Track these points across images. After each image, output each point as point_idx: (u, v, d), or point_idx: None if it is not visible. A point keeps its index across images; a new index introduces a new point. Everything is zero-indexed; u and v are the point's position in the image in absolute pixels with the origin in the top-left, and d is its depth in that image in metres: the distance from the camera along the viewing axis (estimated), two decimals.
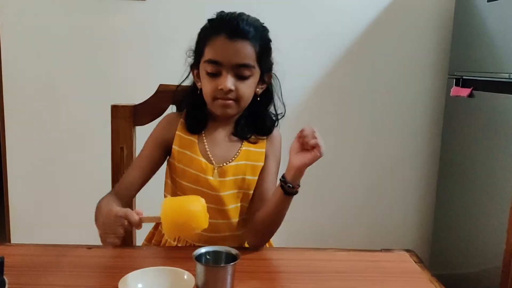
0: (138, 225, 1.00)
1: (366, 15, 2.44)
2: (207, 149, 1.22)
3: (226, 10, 1.21)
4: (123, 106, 1.27)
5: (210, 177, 1.20)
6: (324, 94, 2.48)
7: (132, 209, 1.05)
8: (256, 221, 1.20)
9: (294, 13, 2.39)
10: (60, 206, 2.43)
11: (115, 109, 1.28)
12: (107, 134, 1.28)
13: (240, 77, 1.15)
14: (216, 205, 1.21)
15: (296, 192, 1.12)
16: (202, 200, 1.00)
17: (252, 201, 1.25)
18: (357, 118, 2.52)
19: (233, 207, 1.24)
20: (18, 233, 2.41)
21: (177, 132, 1.23)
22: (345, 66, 2.47)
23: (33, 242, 1.20)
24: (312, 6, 2.40)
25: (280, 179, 1.12)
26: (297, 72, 2.40)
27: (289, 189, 1.10)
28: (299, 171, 1.09)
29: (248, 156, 1.24)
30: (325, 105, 2.50)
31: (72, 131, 2.38)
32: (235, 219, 1.25)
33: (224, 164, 1.21)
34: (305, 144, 1.07)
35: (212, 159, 1.22)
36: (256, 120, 1.26)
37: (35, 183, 2.42)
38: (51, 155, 2.39)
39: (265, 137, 1.27)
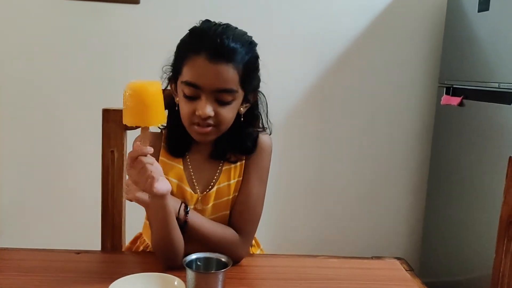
0: (147, 151, 0.94)
1: (357, 23, 2.45)
2: (192, 175, 1.17)
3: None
4: (114, 110, 1.26)
5: (192, 207, 1.15)
6: (315, 101, 2.48)
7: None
8: None
9: (285, 18, 2.40)
10: (49, 210, 2.40)
11: (106, 112, 1.27)
12: (98, 138, 1.27)
13: (221, 102, 1.06)
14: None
15: (181, 226, 1.07)
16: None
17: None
18: (347, 126, 2.53)
19: None
20: (6, 237, 2.38)
21: (160, 158, 1.16)
22: (336, 74, 2.47)
23: (21, 246, 1.18)
24: (304, 12, 2.41)
25: None
26: (288, 78, 2.41)
27: None
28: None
29: (229, 176, 1.17)
30: (315, 112, 2.50)
31: (63, 135, 2.36)
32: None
33: (207, 191, 1.16)
34: None
35: (196, 186, 1.16)
36: (236, 140, 1.16)
37: (24, 187, 2.39)
38: (41, 158, 2.37)
39: (244, 157, 1.18)
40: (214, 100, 1.05)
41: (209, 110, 1.04)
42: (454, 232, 2.22)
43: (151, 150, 0.94)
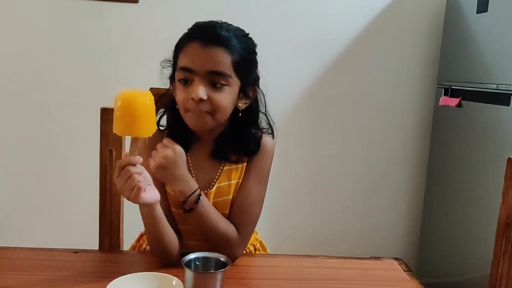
0: (136, 161, 0.94)
1: (356, 24, 2.45)
2: (193, 173, 1.16)
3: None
4: (112, 109, 1.25)
5: None
6: (313, 101, 2.48)
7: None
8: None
9: (284, 19, 2.39)
10: (47, 209, 2.39)
11: (104, 112, 1.27)
12: (96, 137, 1.27)
13: (214, 86, 1.06)
14: (191, 227, 1.16)
15: (187, 211, 1.07)
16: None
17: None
18: (346, 126, 2.52)
19: None
20: (4, 236, 2.37)
21: None
22: (335, 75, 2.47)
23: (19, 245, 1.18)
24: (303, 13, 2.40)
25: None
26: (287, 78, 2.41)
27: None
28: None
29: (230, 176, 1.16)
30: (314, 113, 2.50)
31: (61, 134, 2.35)
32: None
33: (207, 189, 1.15)
34: None
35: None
36: (239, 140, 1.15)
37: (22, 186, 2.38)
38: (39, 157, 2.36)
39: (246, 158, 1.17)
40: (207, 83, 1.06)
41: (201, 92, 1.05)
42: (452, 233, 2.23)
43: (140, 159, 0.95)
